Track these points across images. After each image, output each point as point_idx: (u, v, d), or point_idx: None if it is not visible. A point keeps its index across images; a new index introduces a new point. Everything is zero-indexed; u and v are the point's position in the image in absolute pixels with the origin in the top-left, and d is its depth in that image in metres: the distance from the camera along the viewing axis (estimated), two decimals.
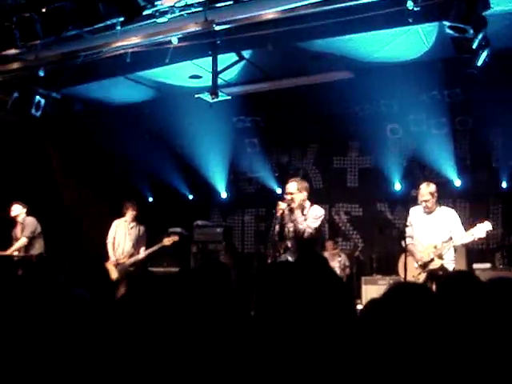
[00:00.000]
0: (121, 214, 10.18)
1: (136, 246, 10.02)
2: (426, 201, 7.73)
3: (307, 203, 7.56)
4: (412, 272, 7.61)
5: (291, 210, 7.48)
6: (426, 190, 7.75)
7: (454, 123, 10.60)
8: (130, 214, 10.15)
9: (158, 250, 10.07)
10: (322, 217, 7.58)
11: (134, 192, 11.63)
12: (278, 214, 7.42)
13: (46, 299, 3.35)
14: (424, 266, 7.62)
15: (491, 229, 7.60)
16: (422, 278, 7.61)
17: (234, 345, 2.54)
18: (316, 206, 7.62)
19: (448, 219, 7.70)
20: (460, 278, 3.37)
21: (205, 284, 3.37)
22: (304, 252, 6.45)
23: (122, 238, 10.05)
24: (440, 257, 7.56)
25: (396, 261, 8.31)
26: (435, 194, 7.74)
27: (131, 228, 10.12)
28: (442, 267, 7.52)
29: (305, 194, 7.55)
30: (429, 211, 7.76)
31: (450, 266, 7.64)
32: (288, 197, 7.45)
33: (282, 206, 7.42)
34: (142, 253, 10.01)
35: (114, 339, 2.49)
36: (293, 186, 7.53)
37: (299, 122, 11.35)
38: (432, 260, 7.57)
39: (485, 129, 10.06)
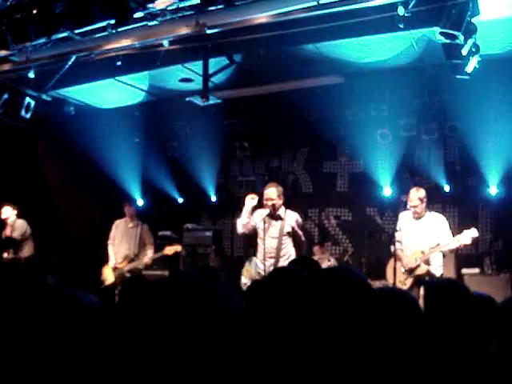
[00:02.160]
0: (122, 214, 10.01)
1: (138, 248, 9.69)
2: (414, 206, 7.77)
3: (282, 209, 7.71)
4: (399, 277, 7.63)
5: (273, 217, 7.62)
6: (415, 195, 7.79)
7: (444, 129, 10.64)
8: (129, 213, 9.93)
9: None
10: None
11: (123, 195, 11.60)
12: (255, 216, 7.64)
13: (33, 301, 3.34)
14: (410, 271, 7.65)
15: (477, 235, 7.63)
16: (408, 283, 7.65)
17: (225, 349, 2.54)
18: (293, 213, 7.79)
19: (436, 225, 7.74)
20: (446, 285, 3.40)
21: (195, 288, 3.35)
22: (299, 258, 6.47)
23: (119, 239, 9.83)
24: (427, 262, 7.58)
25: (385, 265, 8.35)
26: (424, 200, 7.77)
27: (129, 228, 9.88)
28: (427, 273, 7.54)
29: (282, 200, 7.68)
30: (418, 216, 7.80)
31: (438, 271, 7.67)
32: (269, 203, 7.55)
33: (262, 212, 7.61)
34: (143, 260, 9.60)
35: (107, 345, 2.49)
36: (273, 192, 7.63)
37: (289, 126, 11.37)
38: (418, 266, 7.60)
39: (474, 135, 10.10)
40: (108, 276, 9.39)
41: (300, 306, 2.35)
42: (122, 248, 9.70)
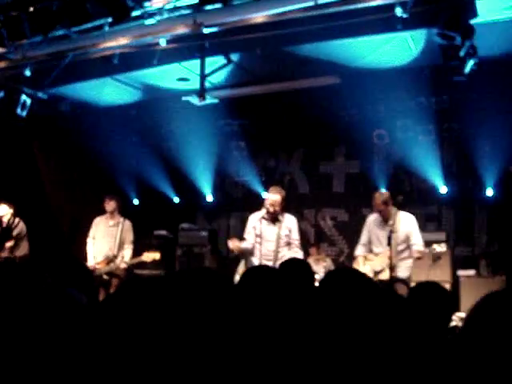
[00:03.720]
0: (101, 209, 9.57)
1: (118, 249, 9.17)
2: (380, 211, 7.81)
3: (280, 214, 7.80)
4: None
5: (271, 219, 7.71)
6: (380, 199, 7.82)
7: (441, 130, 10.64)
8: (108, 208, 9.41)
9: (143, 251, 9.21)
10: None
11: (119, 194, 11.56)
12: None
13: (28, 301, 3.32)
14: (374, 274, 7.62)
15: (444, 251, 7.71)
16: None
17: (220, 348, 2.53)
18: (291, 216, 7.90)
19: (405, 225, 7.72)
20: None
21: (193, 287, 3.35)
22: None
23: (99, 238, 9.35)
24: (392, 268, 7.52)
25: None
26: (389, 202, 7.79)
27: (110, 226, 9.39)
28: (390, 279, 7.49)
29: (283, 204, 7.78)
30: (385, 219, 7.82)
31: (404, 273, 7.65)
32: (271, 209, 7.63)
33: (258, 214, 7.67)
34: (120, 265, 9.00)
35: (102, 344, 2.47)
36: (277, 198, 7.70)
37: (286, 127, 11.36)
38: (382, 270, 7.56)
39: (471, 136, 10.10)
40: None
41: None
42: (102, 248, 9.25)
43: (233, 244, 7.79)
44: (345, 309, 2.32)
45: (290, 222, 7.79)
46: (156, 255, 9.06)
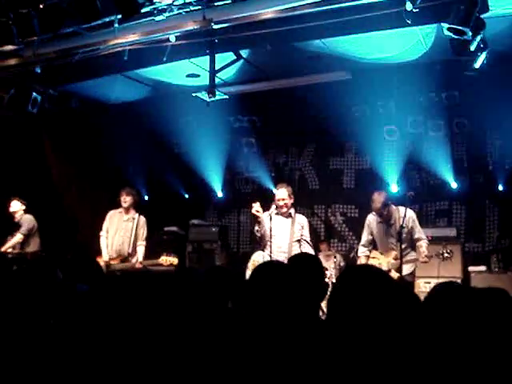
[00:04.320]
0: (117, 204, 9.31)
1: (132, 246, 8.99)
2: (381, 214, 7.80)
3: (292, 209, 7.87)
4: None
5: (283, 215, 7.78)
6: (379, 200, 7.80)
7: (452, 125, 10.60)
8: (124, 203, 9.15)
9: (154, 248, 9.39)
10: None
11: (135, 190, 11.58)
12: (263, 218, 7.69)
13: (40, 297, 3.34)
14: None
15: (450, 256, 7.72)
16: None
17: (225, 343, 2.54)
18: (303, 216, 8.02)
19: (406, 222, 7.67)
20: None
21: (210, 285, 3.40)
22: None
23: (112, 232, 9.12)
24: (398, 270, 7.48)
25: None
26: (388, 202, 7.79)
27: (124, 221, 9.17)
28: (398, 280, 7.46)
29: (292, 199, 7.84)
30: (386, 219, 7.80)
31: (408, 270, 7.64)
32: (281, 203, 7.71)
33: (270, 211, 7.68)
34: (135, 265, 8.82)
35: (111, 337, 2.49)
36: (284, 192, 7.79)
37: (296, 122, 11.34)
38: (389, 271, 7.49)
39: (482, 131, 10.07)
40: None
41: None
42: (116, 243, 9.05)
43: (256, 208, 7.74)
44: (365, 306, 2.32)
45: (302, 219, 7.89)
46: (174, 260, 8.77)
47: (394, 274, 7.42)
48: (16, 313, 3.02)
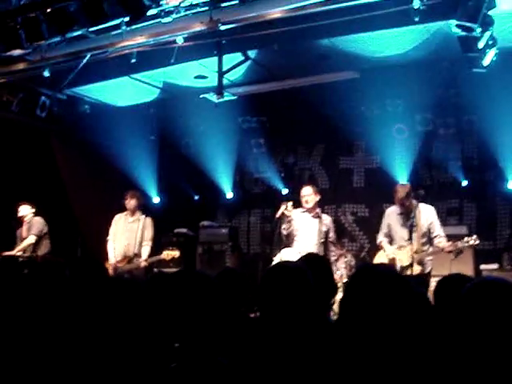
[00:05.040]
0: (121, 208, 9.51)
1: (138, 246, 9.13)
2: (403, 204, 7.75)
3: (318, 208, 8.18)
4: None
5: (310, 214, 8.06)
6: (403, 192, 7.76)
7: (461, 123, 10.55)
8: (129, 206, 9.35)
9: (164, 250, 9.23)
10: None
11: (139, 192, 11.59)
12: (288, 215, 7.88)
13: (50, 299, 3.35)
14: (401, 270, 7.45)
15: (477, 243, 7.57)
16: None
17: (240, 345, 2.53)
18: (328, 216, 8.41)
19: (426, 217, 7.65)
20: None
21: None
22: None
23: (119, 235, 9.29)
24: (420, 263, 7.45)
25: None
26: (411, 194, 7.75)
27: (130, 223, 9.34)
28: (421, 273, 7.42)
29: (318, 197, 8.17)
30: (406, 211, 7.75)
31: (428, 267, 7.62)
32: (304, 199, 8.03)
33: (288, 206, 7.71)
34: (140, 264, 8.98)
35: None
36: (308, 189, 8.17)
37: (305, 122, 11.32)
38: (411, 265, 7.43)
39: (492, 128, 9.99)
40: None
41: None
42: (122, 245, 9.21)
43: (289, 208, 7.87)
44: (377, 308, 2.30)
45: (327, 220, 8.18)
46: (175, 253, 9.05)
47: (417, 268, 7.39)
48: (25, 314, 3.03)
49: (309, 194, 7.98)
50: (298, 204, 8.18)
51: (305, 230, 7.85)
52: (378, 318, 2.26)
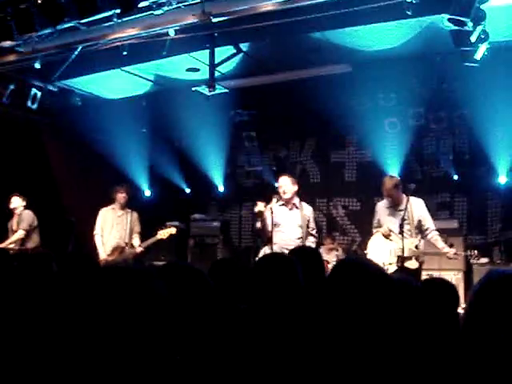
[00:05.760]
0: (110, 201, 9.53)
1: (129, 236, 9.21)
2: (390, 195, 7.71)
3: (296, 199, 7.83)
4: (383, 258, 7.45)
5: (288, 205, 7.76)
6: (390, 183, 7.72)
7: (453, 117, 10.57)
8: (118, 199, 9.40)
9: (156, 243, 9.36)
10: None
11: (131, 185, 11.55)
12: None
13: (40, 292, 3.34)
14: (402, 260, 7.37)
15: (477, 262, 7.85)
16: (391, 269, 7.35)
17: (228, 338, 2.52)
18: (308, 205, 7.97)
19: (417, 212, 7.61)
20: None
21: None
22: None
23: (108, 229, 9.31)
24: (418, 259, 7.41)
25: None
26: (400, 187, 7.72)
27: (119, 216, 9.40)
28: (416, 270, 7.38)
29: (296, 187, 7.84)
30: (395, 204, 7.71)
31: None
32: (281, 190, 7.73)
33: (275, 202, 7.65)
34: (137, 247, 9.11)
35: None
36: (285, 179, 7.85)
37: (297, 116, 11.31)
38: (410, 258, 7.39)
39: (484, 123, 10.00)
40: None
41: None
42: (113, 238, 9.24)
43: (260, 208, 7.77)
44: (356, 301, 2.31)
45: (308, 210, 7.88)
46: (172, 230, 9.17)
47: (415, 263, 7.35)
48: (16, 307, 3.02)
49: (286, 184, 7.76)
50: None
51: (285, 223, 7.66)
52: (356, 309, 2.28)
